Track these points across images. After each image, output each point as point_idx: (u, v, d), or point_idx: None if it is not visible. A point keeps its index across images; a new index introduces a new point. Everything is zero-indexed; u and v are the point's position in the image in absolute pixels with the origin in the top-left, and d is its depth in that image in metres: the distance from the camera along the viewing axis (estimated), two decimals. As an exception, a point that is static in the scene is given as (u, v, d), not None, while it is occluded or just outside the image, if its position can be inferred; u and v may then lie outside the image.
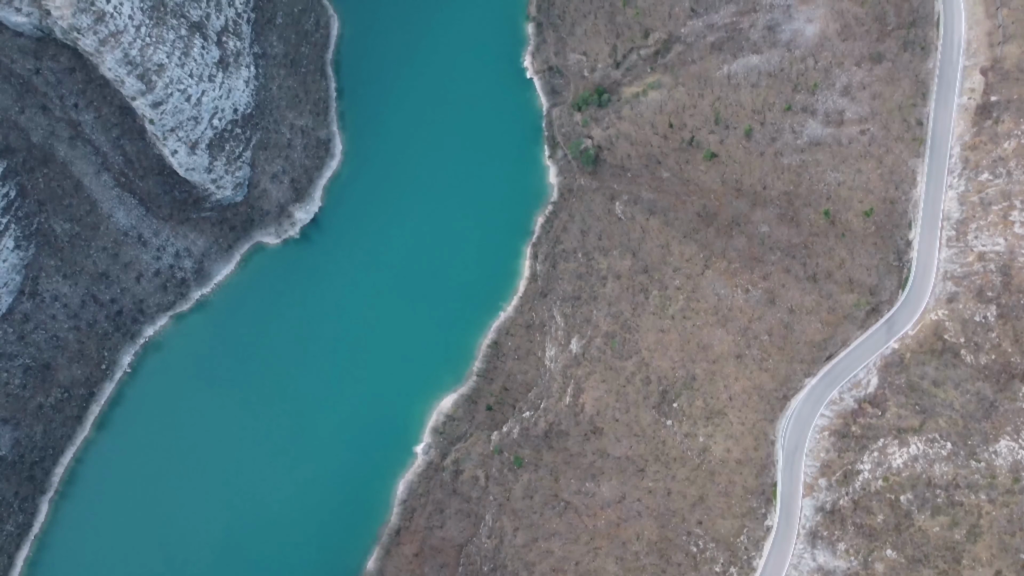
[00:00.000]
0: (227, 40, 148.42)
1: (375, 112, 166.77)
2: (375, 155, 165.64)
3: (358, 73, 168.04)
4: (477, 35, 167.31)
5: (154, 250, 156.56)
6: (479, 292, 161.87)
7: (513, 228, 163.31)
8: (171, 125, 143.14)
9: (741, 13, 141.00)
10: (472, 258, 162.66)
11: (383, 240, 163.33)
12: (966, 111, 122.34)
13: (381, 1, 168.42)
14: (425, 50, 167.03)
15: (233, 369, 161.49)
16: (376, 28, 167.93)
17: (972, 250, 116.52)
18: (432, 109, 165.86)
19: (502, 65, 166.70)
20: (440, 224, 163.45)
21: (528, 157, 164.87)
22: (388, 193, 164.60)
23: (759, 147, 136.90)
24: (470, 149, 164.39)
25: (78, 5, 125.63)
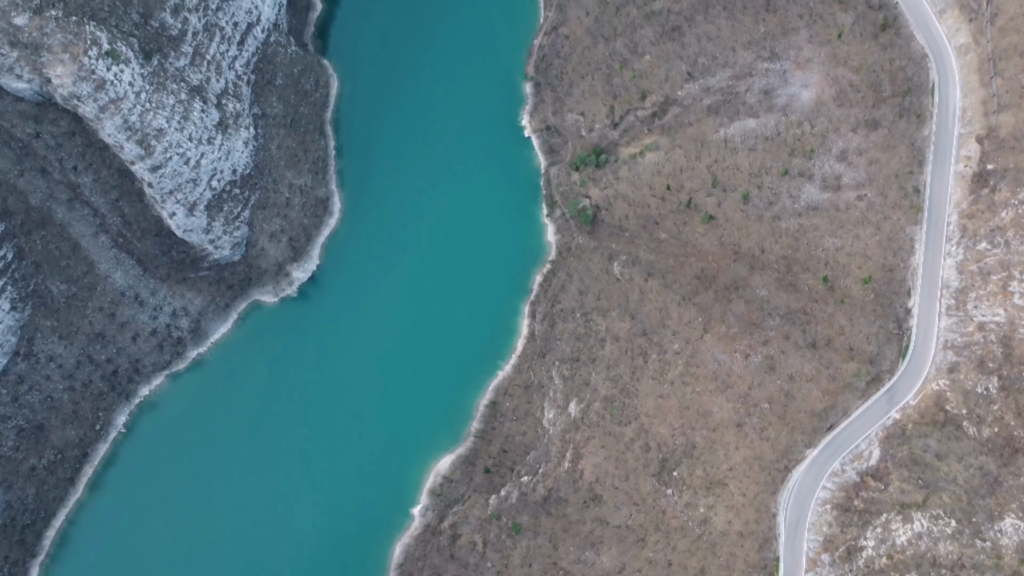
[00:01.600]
0: (227, 102, 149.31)
1: (374, 170, 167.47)
2: (374, 213, 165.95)
3: (357, 131, 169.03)
4: (475, 94, 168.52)
5: (151, 310, 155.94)
6: (477, 350, 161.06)
7: (511, 286, 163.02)
8: (169, 188, 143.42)
9: (737, 77, 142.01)
10: (470, 315, 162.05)
11: (381, 298, 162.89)
12: (963, 179, 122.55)
13: (381, 60, 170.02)
14: (424, 108, 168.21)
15: (229, 428, 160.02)
16: (376, 87, 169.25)
17: (972, 320, 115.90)
18: (431, 166, 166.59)
19: (500, 123, 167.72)
20: (438, 281, 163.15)
21: (526, 215, 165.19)
22: (387, 251, 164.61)
23: (757, 211, 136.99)
24: (468, 207, 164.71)
25: (79, 74, 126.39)
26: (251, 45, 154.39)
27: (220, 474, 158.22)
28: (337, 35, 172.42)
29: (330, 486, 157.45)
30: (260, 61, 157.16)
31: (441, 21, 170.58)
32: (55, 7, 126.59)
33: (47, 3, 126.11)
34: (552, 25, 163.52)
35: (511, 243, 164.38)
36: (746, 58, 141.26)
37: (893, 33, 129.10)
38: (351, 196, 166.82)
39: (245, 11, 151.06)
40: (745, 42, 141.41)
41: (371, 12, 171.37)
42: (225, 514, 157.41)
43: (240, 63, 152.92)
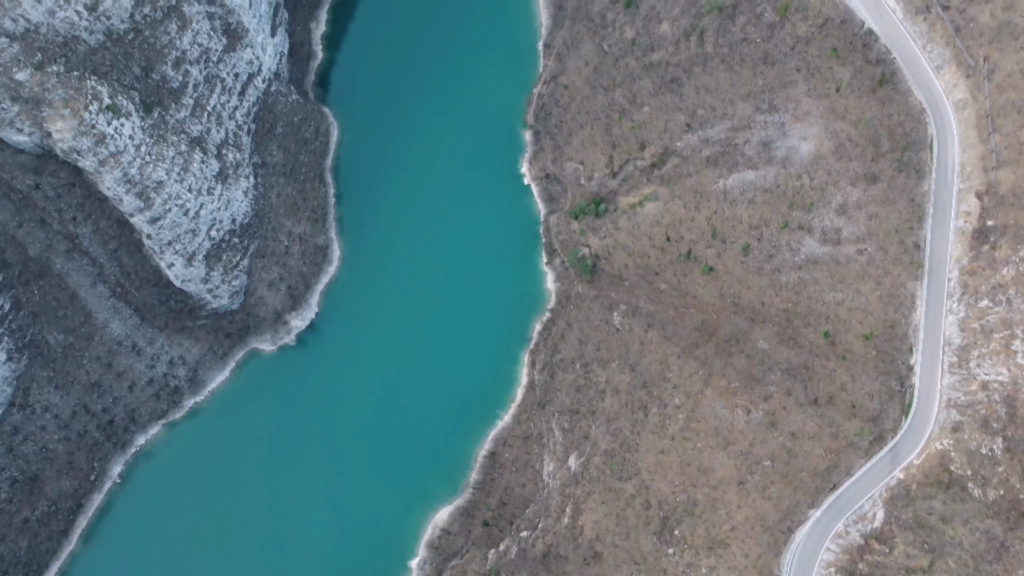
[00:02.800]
0: (227, 152, 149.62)
1: (374, 217, 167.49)
2: (373, 260, 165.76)
3: (357, 178, 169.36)
4: (475, 141, 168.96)
5: (148, 359, 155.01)
6: (476, 399, 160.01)
7: (511, 333, 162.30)
8: (168, 239, 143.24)
9: (736, 129, 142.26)
10: (469, 363, 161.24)
11: (380, 345, 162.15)
12: (963, 234, 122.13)
13: (381, 107, 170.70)
14: (424, 154, 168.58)
15: (225, 478, 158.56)
16: (376, 134, 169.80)
17: (975, 378, 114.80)
18: (431, 213, 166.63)
19: (500, 171, 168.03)
20: (437, 328, 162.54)
21: (526, 263, 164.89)
22: (386, 298, 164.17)
23: (757, 263, 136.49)
24: (468, 254, 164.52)
25: (79, 129, 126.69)
26: (252, 95, 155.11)
27: (216, 524, 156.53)
28: (338, 83, 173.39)
29: (328, 537, 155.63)
30: (261, 110, 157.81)
31: (441, 69, 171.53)
32: (57, 62, 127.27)
33: (49, 59, 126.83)
34: (551, 74, 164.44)
35: (511, 290, 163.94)
36: (744, 110, 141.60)
37: (891, 88, 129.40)
38: (350, 243, 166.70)
39: (246, 62, 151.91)
40: (743, 94, 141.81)
41: (372, 60, 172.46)
42: (221, 566, 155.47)
43: (241, 113, 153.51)
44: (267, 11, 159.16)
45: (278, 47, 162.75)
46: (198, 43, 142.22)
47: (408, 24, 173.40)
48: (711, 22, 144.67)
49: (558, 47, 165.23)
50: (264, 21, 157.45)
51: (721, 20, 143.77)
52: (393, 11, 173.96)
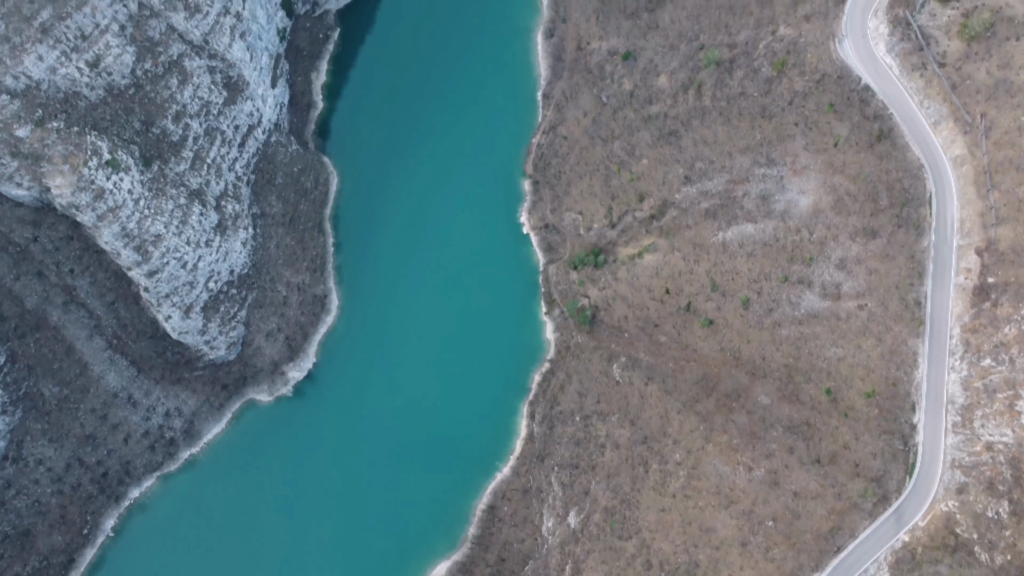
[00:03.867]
0: (226, 204, 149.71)
1: (373, 266, 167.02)
2: (372, 310, 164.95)
3: (357, 227, 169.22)
4: (474, 190, 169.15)
5: (144, 411, 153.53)
6: (475, 450, 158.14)
7: (510, 384, 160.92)
8: (166, 291, 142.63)
9: (734, 182, 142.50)
10: (468, 414, 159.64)
11: (378, 396, 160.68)
12: (963, 291, 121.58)
13: (381, 156, 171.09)
14: (424, 203, 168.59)
15: (219, 530, 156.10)
16: (375, 183, 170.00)
17: (979, 439, 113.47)
18: (429, 262, 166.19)
19: (499, 220, 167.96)
20: (436, 378, 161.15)
21: (525, 312, 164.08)
22: (384, 348, 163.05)
23: (757, 317, 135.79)
24: (467, 303, 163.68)
25: (78, 184, 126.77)
26: (252, 146, 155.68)
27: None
28: (338, 132, 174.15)
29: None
30: (260, 161, 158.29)
31: (440, 117, 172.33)
32: (57, 118, 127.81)
33: (50, 115, 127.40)
34: (550, 124, 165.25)
35: (510, 340, 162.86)
36: (743, 163, 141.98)
37: (889, 144, 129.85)
38: (349, 293, 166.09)
39: (247, 114, 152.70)
40: (742, 148, 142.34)
41: (372, 109, 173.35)
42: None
43: (240, 165, 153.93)
44: (268, 63, 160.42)
45: (278, 98, 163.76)
46: (199, 97, 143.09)
47: (408, 73, 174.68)
48: (709, 76, 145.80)
49: (557, 98, 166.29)
50: (265, 73, 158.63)
51: (719, 74, 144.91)
52: (393, 61, 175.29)
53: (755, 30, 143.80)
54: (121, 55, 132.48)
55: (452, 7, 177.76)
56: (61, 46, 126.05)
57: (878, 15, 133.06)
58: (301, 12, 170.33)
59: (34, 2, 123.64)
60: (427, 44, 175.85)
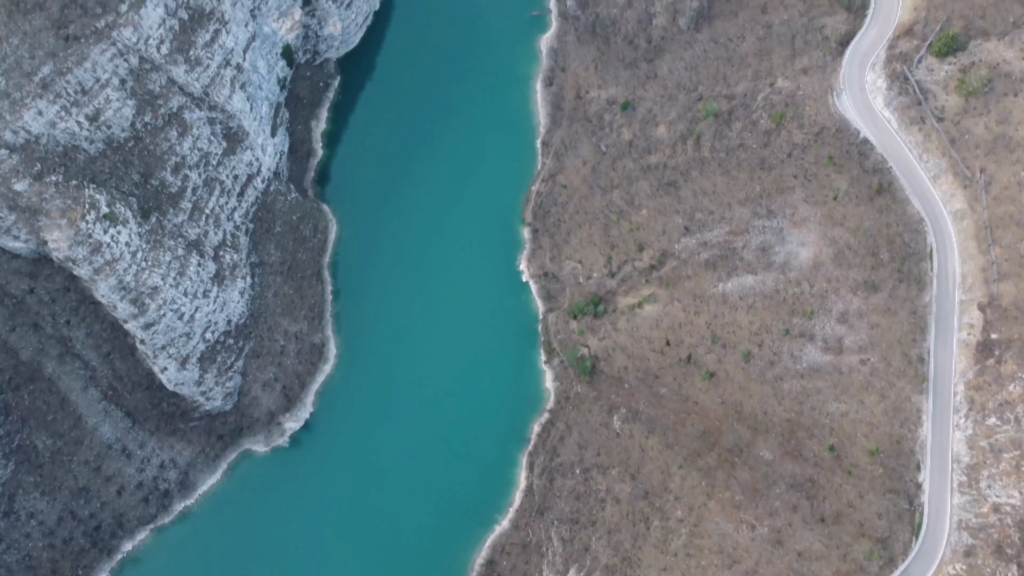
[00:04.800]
0: (224, 254, 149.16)
1: (372, 314, 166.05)
2: (370, 358, 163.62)
3: (356, 275, 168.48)
4: (473, 237, 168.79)
5: (138, 462, 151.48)
6: (474, 502, 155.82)
7: (509, 434, 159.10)
8: (162, 343, 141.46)
9: (734, 233, 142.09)
10: (467, 465, 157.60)
11: (376, 447, 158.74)
12: (967, 347, 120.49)
13: (381, 203, 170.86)
14: (423, 250, 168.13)
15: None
16: (375, 230, 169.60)
17: (986, 500, 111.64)
18: (429, 309, 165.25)
19: (498, 267, 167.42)
20: (434, 427, 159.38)
21: (524, 360, 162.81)
22: (382, 396, 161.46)
23: (758, 370, 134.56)
24: (466, 351, 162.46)
25: (75, 238, 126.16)
26: (251, 196, 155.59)
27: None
28: (337, 179, 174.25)
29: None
30: (259, 210, 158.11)
31: (441, 165, 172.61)
32: (56, 172, 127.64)
33: (48, 168, 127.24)
34: (550, 172, 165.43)
35: (509, 389, 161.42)
36: (742, 214, 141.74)
37: (889, 197, 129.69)
38: (347, 341, 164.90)
39: (246, 164, 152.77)
40: (741, 199, 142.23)
41: (372, 156, 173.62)
42: None
43: (239, 214, 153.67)
44: (268, 112, 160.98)
45: (278, 146, 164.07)
46: (198, 148, 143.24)
47: (408, 120, 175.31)
48: (707, 127, 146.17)
49: (556, 146, 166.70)
50: (265, 122, 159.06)
51: (717, 126, 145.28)
52: (393, 108, 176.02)
53: (753, 82, 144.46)
54: (121, 108, 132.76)
55: (452, 55, 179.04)
56: (61, 100, 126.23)
57: (876, 69, 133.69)
58: (302, 61, 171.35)
59: (35, 58, 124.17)
60: (427, 91, 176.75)
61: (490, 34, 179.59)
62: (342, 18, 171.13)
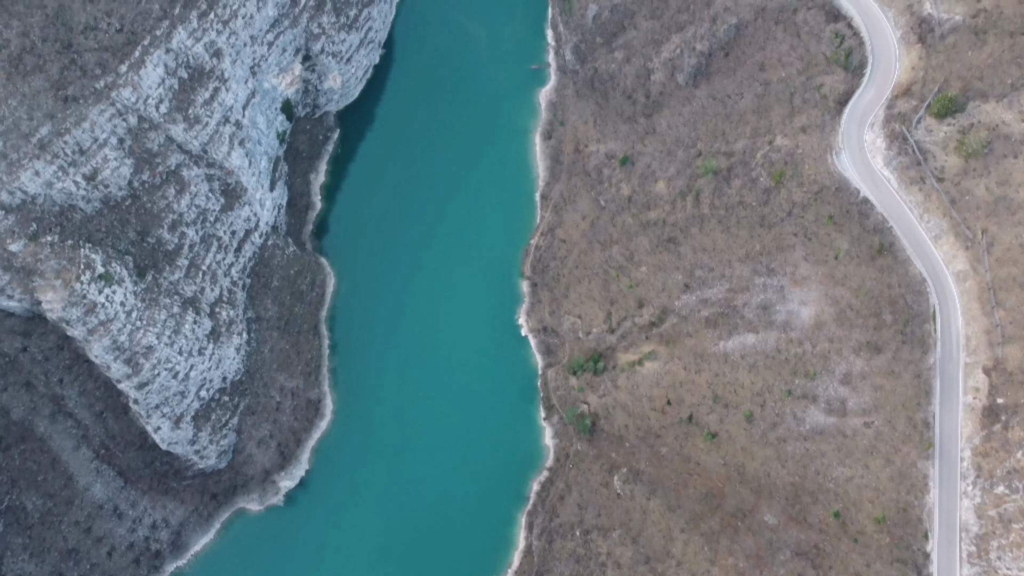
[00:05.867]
0: (220, 310, 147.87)
1: (369, 368, 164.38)
2: (367, 414, 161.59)
3: (353, 329, 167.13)
4: (472, 290, 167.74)
5: (129, 522, 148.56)
6: (472, 563, 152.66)
7: (508, 492, 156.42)
8: (156, 403, 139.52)
9: (734, 291, 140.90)
10: (465, 523, 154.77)
11: (372, 504, 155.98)
12: (972, 411, 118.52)
13: (379, 256, 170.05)
14: (421, 303, 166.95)
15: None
16: (373, 283, 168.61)
17: (996, 572, 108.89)
18: (426, 363, 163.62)
19: (497, 321, 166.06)
20: (432, 485, 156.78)
21: (523, 417, 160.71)
22: (379, 453, 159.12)
23: (760, 431, 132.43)
24: (464, 407, 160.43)
25: (69, 299, 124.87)
26: (248, 251, 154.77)
27: None
28: (336, 232, 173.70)
29: None
30: (257, 265, 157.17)
31: (440, 217, 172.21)
32: (52, 232, 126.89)
33: (44, 229, 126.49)
34: (549, 226, 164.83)
35: (508, 445, 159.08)
36: (743, 272, 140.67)
37: (890, 257, 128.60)
38: (344, 397, 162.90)
39: (244, 219, 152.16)
40: (741, 256, 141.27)
41: (371, 209, 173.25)
42: None
43: (236, 270, 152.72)
44: (267, 166, 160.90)
45: (276, 200, 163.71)
46: (196, 205, 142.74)
47: (407, 173, 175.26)
48: (707, 184, 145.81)
49: (555, 199, 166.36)
50: (264, 177, 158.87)
51: (717, 183, 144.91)
52: (392, 161, 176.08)
53: (752, 139, 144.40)
54: (119, 168, 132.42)
55: (451, 108, 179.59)
56: (59, 161, 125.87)
57: (874, 129, 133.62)
58: (301, 115, 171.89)
59: (33, 119, 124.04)
60: (426, 144, 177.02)
61: (489, 87, 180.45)
62: (342, 72, 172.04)
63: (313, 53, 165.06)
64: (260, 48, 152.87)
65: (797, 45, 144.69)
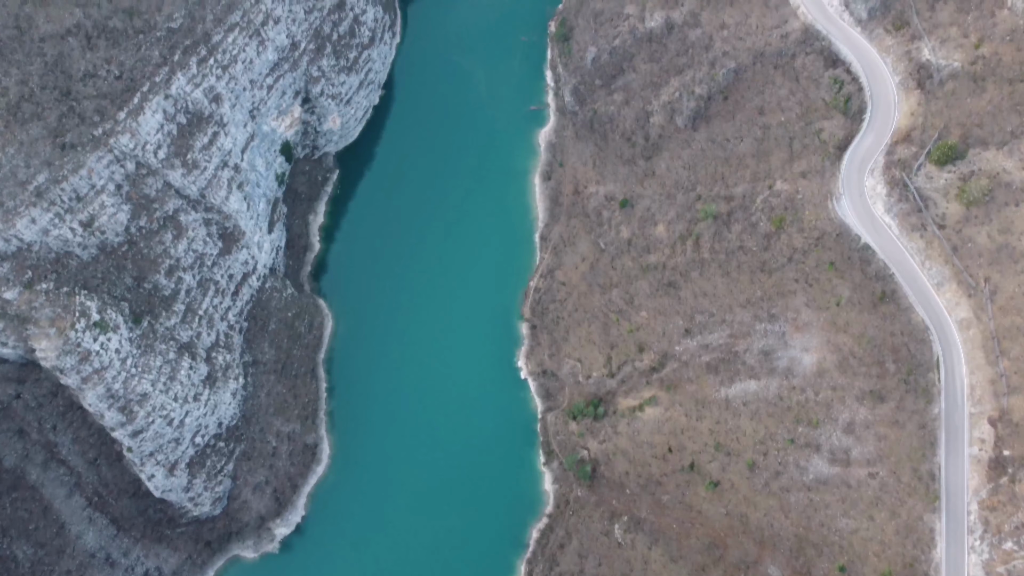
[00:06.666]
0: (217, 355, 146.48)
1: (367, 411, 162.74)
2: (365, 458, 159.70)
3: (351, 371, 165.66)
4: (471, 331, 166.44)
5: (122, 571, 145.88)
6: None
7: (507, 538, 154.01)
8: (150, 450, 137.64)
9: (735, 336, 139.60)
10: (464, 571, 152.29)
11: (369, 552, 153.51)
12: (979, 463, 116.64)
13: (378, 297, 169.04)
14: (420, 345, 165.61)
15: None
16: (372, 324, 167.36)
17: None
18: (425, 407, 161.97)
19: (496, 363, 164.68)
20: (431, 532, 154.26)
21: (522, 461, 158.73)
22: (377, 500, 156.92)
23: (763, 480, 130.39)
24: (463, 450, 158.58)
25: (63, 348, 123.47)
26: (246, 294, 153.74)
27: None
28: (334, 273, 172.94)
29: None
30: (254, 308, 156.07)
31: (439, 257, 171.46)
32: (47, 279, 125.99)
33: (39, 276, 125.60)
34: (548, 268, 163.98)
35: (507, 491, 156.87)
36: (743, 317, 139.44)
37: (893, 305, 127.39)
38: (341, 440, 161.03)
39: (241, 263, 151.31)
40: (742, 301, 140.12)
41: (370, 249, 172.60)
42: None
43: (233, 313, 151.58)
44: (265, 208, 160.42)
45: (275, 242, 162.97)
46: (193, 250, 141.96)
47: (406, 213, 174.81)
48: (706, 228, 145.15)
49: (555, 241, 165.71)
50: (262, 219, 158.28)
51: (716, 227, 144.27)
52: (391, 201, 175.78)
53: (752, 184, 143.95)
54: (116, 214, 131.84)
55: (450, 148, 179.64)
56: (55, 208, 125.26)
57: (874, 175, 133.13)
58: (300, 156, 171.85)
59: (30, 167, 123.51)
60: (425, 184, 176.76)
61: (488, 127, 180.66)
62: (341, 114, 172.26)
63: (313, 95, 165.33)
64: (260, 92, 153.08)
65: (796, 90, 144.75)
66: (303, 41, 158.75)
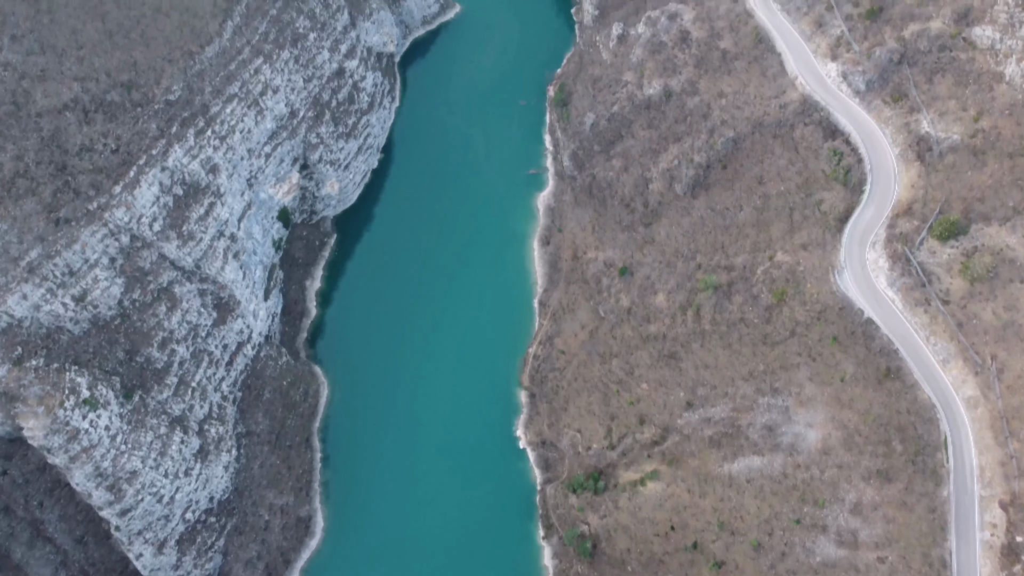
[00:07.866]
0: (209, 428, 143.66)
1: (362, 482, 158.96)
2: (360, 531, 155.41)
3: (346, 440, 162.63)
4: (469, 400, 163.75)
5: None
6: None
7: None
8: (138, 528, 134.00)
9: (738, 410, 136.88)
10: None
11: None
12: (991, 549, 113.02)
13: (375, 364, 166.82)
14: (417, 414, 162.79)
15: None
16: (368, 392, 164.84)
17: None
18: (422, 478, 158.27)
19: (494, 432, 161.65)
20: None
21: (521, 534, 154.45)
22: (371, 573, 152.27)
23: (769, 561, 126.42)
24: (460, 524, 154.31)
25: (51, 427, 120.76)
26: (240, 363, 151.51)
27: None
28: (331, 339, 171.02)
29: None
30: (248, 377, 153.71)
31: (436, 323, 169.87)
32: (37, 355, 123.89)
33: (29, 352, 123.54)
34: (547, 335, 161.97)
35: (506, 565, 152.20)
36: (746, 391, 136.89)
37: (898, 382, 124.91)
38: (336, 512, 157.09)
39: (236, 332, 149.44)
40: (744, 374, 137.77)
41: (367, 315, 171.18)
42: None
43: (227, 384, 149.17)
44: (262, 276, 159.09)
45: (271, 309, 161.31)
46: (187, 321, 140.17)
47: (404, 278, 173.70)
48: (707, 299, 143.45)
49: (554, 307, 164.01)
50: (258, 287, 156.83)
51: (717, 298, 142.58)
52: (389, 266, 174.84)
53: (752, 254, 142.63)
54: (109, 287, 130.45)
55: (449, 212, 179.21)
56: (47, 283, 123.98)
57: (876, 248, 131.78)
58: (298, 221, 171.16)
59: (23, 242, 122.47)
60: (424, 248, 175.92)
61: (487, 191, 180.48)
62: (340, 179, 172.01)
63: (311, 162, 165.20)
64: (257, 160, 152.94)
65: (795, 160, 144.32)
66: (302, 109, 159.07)
